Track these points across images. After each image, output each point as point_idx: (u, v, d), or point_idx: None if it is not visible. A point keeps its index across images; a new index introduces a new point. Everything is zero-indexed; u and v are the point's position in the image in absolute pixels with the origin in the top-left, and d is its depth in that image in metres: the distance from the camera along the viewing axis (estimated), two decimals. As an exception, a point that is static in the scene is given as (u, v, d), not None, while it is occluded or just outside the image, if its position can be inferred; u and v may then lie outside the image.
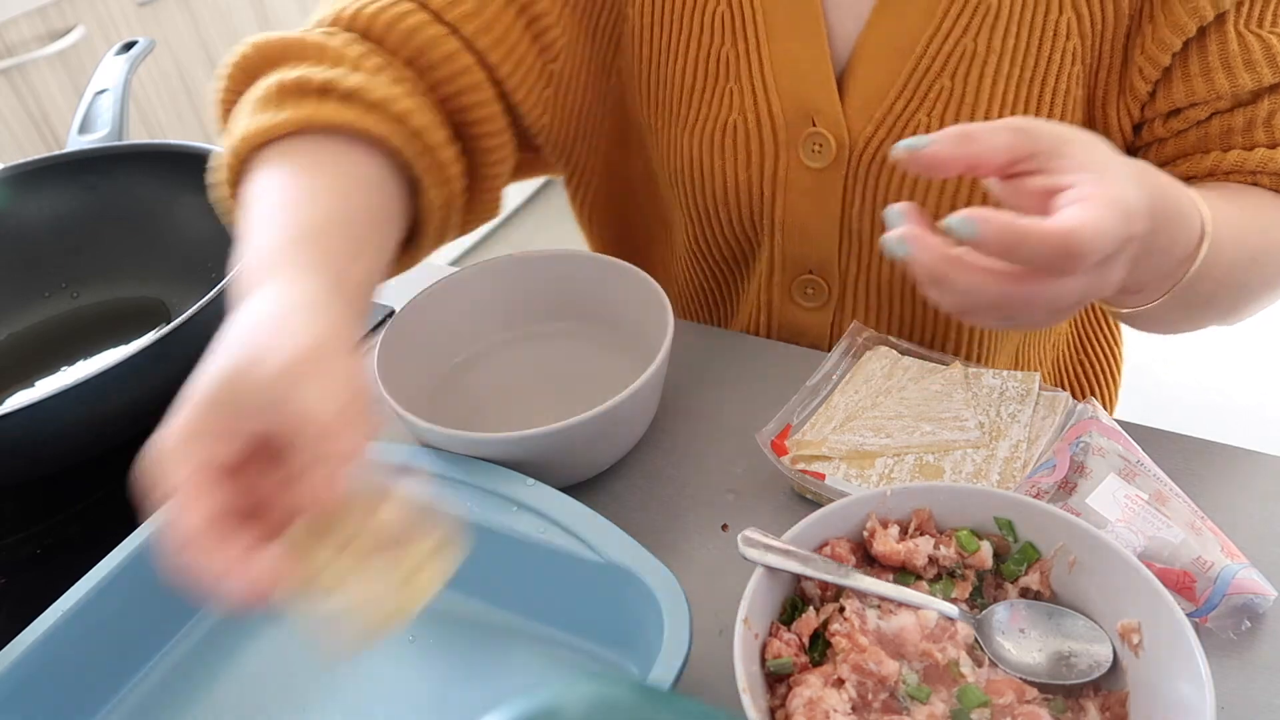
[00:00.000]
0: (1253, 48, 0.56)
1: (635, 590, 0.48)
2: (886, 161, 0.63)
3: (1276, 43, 0.56)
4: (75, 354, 0.80)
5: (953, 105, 0.61)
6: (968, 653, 0.44)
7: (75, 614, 0.50)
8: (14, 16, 1.51)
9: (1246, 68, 0.56)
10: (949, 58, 0.60)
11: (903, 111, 0.61)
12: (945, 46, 0.60)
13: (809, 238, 0.68)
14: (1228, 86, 0.57)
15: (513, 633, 0.54)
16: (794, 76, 0.63)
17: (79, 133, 0.86)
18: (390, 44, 0.59)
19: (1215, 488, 0.56)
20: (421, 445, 0.58)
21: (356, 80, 0.54)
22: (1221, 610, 0.48)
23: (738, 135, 0.65)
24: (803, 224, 0.68)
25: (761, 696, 0.43)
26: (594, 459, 0.60)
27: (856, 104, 0.62)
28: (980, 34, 0.59)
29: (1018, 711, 0.42)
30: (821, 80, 0.62)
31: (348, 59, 0.57)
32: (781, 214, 0.68)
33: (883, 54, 0.61)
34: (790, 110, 0.64)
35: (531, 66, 0.64)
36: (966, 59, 0.60)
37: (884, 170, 0.64)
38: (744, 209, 0.68)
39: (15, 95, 1.56)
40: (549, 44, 0.65)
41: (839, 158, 0.64)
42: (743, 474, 0.61)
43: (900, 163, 0.42)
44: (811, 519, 0.47)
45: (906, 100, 0.61)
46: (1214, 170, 0.60)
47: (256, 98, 0.54)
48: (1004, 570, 0.48)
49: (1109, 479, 0.52)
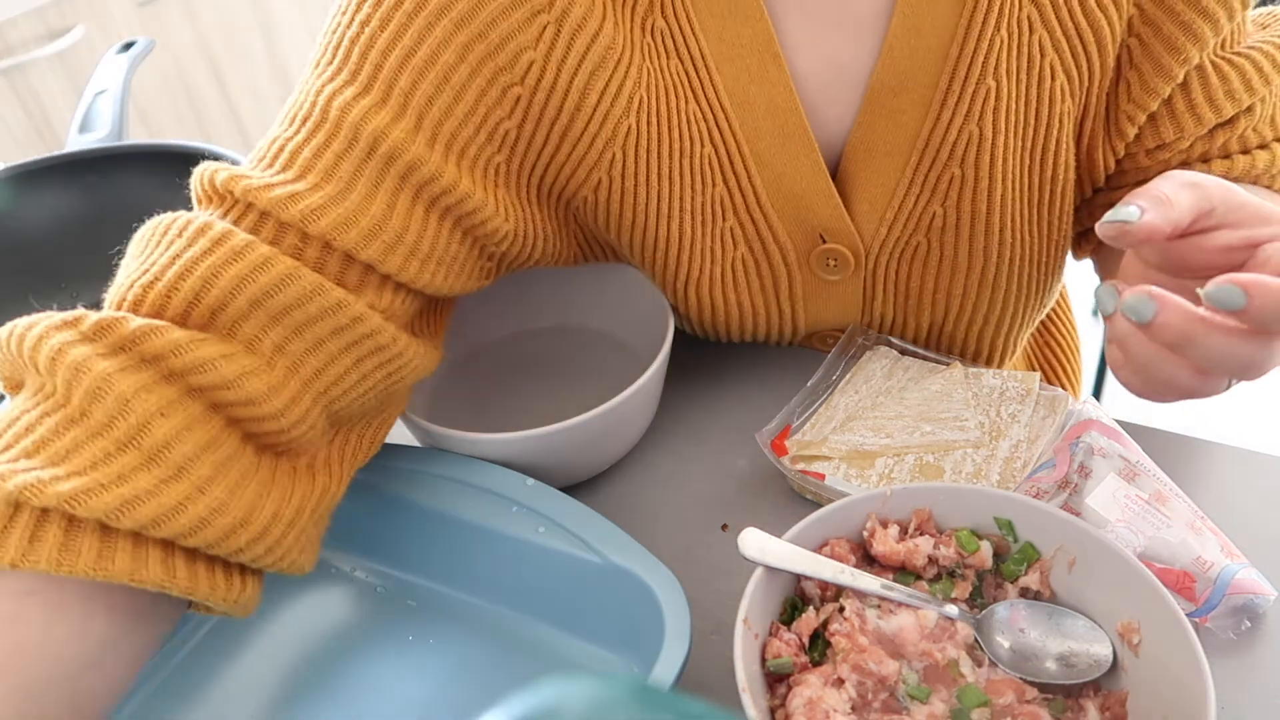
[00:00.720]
0: (1230, 76, 0.57)
1: (635, 590, 0.48)
2: (903, 256, 0.62)
3: (1248, 65, 0.57)
4: (75, 354, 0.80)
5: (965, 191, 0.59)
6: (968, 653, 0.44)
7: (75, 614, 0.50)
8: (14, 16, 1.51)
9: (1228, 97, 0.57)
10: (955, 146, 0.58)
11: (914, 206, 0.60)
12: (950, 135, 0.58)
13: (830, 329, 0.68)
14: (1212, 118, 0.58)
15: (513, 633, 0.54)
16: (793, 200, 0.60)
17: (79, 133, 0.86)
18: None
19: (1215, 488, 0.56)
20: (422, 445, 0.58)
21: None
22: (1221, 610, 0.48)
23: (747, 268, 0.63)
24: (823, 321, 0.67)
25: (761, 696, 0.43)
26: (594, 459, 0.60)
27: (864, 209, 0.61)
28: (984, 117, 0.57)
29: (1018, 711, 0.42)
30: (823, 194, 0.60)
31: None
32: (803, 320, 0.67)
33: (879, 153, 0.59)
34: (795, 232, 0.61)
35: (467, 263, 0.54)
36: (974, 144, 0.58)
37: (900, 264, 0.63)
38: (761, 328, 0.67)
39: (15, 95, 1.56)
40: (489, 233, 0.54)
41: (857, 267, 0.63)
42: (743, 474, 0.61)
43: (1110, 239, 0.41)
44: (811, 519, 0.47)
45: (916, 194, 0.60)
46: None
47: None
48: (1004, 570, 0.48)
49: (1109, 479, 0.52)
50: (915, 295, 0.65)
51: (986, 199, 0.59)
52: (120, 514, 0.39)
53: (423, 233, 0.50)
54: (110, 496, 0.39)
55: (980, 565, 0.47)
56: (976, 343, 0.68)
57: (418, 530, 0.55)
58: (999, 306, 0.65)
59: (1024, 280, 0.64)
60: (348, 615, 0.56)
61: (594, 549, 0.50)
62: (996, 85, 0.57)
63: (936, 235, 0.61)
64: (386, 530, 0.57)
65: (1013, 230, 0.61)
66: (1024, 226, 0.61)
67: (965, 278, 0.63)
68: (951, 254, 0.62)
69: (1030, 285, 0.65)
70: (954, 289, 0.63)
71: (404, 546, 0.56)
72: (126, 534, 0.40)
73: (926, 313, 0.66)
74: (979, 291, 0.64)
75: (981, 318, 0.66)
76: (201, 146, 0.80)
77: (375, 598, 0.57)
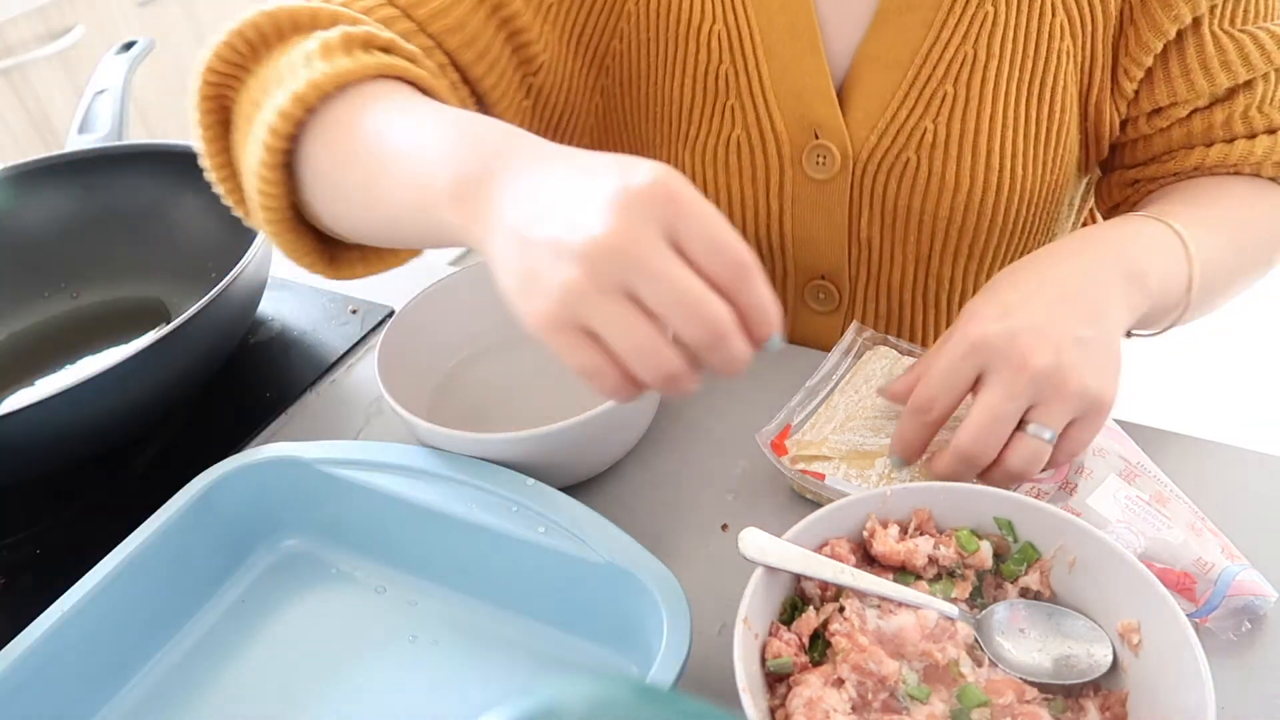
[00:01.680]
0: (1228, 48, 0.60)
1: (635, 590, 0.48)
2: (891, 170, 0.64)
3: (1249, 41, 0.60)
4: (75, 354, 0.80)
5: (956, 110, 0.62)
6: (968, 653, 0.44)
7: (75, 614, 0.50)
8: (14, 16, 1.51)
9: (1223, 68, 0.60)
10: (950, 64, 0.61)
11: (906, 119, 0.62)
12: (946, 54, 0.61)
13: (817, 248, 0.69)
14: (1206, 86, 0.61)
15: (513, 633, 0.54)
16: (794, 91, 0.63)
17: (79, 133, 0.86)
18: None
19: (1215, 488, 0.56)
20: (421, 445, 0.58)
21: (401, 42, 0.52)
22: (1222, 611, 0.48)
23: (741, 151, 0.65)
24: (810, 235, 0.68)
25: (761, 696, 0.43)
26: (594, 459, 0.60)
27: (859, 115, 0.63)
28: (979, 40, 0.60)
29: (1018, 711, 0.42)
30: (822, 93, 0.63)
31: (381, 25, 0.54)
32: (790, 226, 0.68)
33: (882, 65, 0.62)
34: (792, 125, 0.64)
35: (508, 74, 0.62)
36: (968, 65, 0.61)
37: (889, 178, 0.64)
38: (750, 224, 0.69)
39: (15, 95, 1.56)
40: (530, 58, 0.63)
41: (843, 168, 0.64)
42: (743, 474, 0.61)
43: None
44: (811, 519, 0.47)
45: (910, 108, 0.62)
46: (1201, 165, 0.64)
47: (316, 49, 0.48)
48: (1004, 570, 0.48)
49: (1109, 480, 0.52)
50: (903, 216, 0.66)
51: (975, 120, 0.62)
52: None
53: (481, 31, 0.58)
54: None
55: (980, 565, 0.47)
56: (963, 284, 0.69)
57: (418, 530, 0.55)
58: (985, 239, 0.66)
59: (1014, 216, 0.65)
60: (348, 615, 0.56)
61: (594, 549, 0.50)
62: (995, 10, 0.60)
63: (926, 151, 0.63)
64: (387, 530, 0.57)
65: (1003, 157, 0.63)
66: (1016, 158, 0.63)
67: (952, 198, 0.64)
68: (940, 172, 0.63)
69: (1020, 224, 0.66)
70: (940, 211, 0.64)
71: (404, 546, 0.56)
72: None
73: (913, 241, 0.66)
74: (965, 217, 0.65)
75: (967, 248, 0.66)
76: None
77: (376, 598, 0.57)
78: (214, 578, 0.58)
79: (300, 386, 0.74)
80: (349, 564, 0.58)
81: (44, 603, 0.50)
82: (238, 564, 0.59)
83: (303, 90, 0.47)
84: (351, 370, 0.75)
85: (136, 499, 0.64)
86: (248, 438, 0.70)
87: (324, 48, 0.48)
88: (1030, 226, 0.67)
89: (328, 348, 0.77)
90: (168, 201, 0.82)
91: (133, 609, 0.53)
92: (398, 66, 0.49)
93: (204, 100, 0.53)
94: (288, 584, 0.58)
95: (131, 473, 0.68)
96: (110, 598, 0.51)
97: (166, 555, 0.54)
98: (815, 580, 0.47)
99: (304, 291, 0.84)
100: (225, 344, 0.70)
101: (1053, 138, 0.63)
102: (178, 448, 0.70)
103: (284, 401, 0.72)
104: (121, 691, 0.53)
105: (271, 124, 0.47)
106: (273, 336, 0.79)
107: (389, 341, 0.63)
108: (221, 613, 0.57)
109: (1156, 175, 0.67)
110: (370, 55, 0.49)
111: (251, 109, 0.50)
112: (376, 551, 0.58)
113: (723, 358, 0.37)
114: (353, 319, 0.80)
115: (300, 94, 0.47)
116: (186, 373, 0.66)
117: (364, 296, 0.82)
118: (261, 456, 0.57)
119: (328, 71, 0.47)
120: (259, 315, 0.81)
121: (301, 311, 0.82)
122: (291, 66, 0.49)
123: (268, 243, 0.69)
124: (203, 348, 0.66)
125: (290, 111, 0.47)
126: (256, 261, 0.67)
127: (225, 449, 0.69)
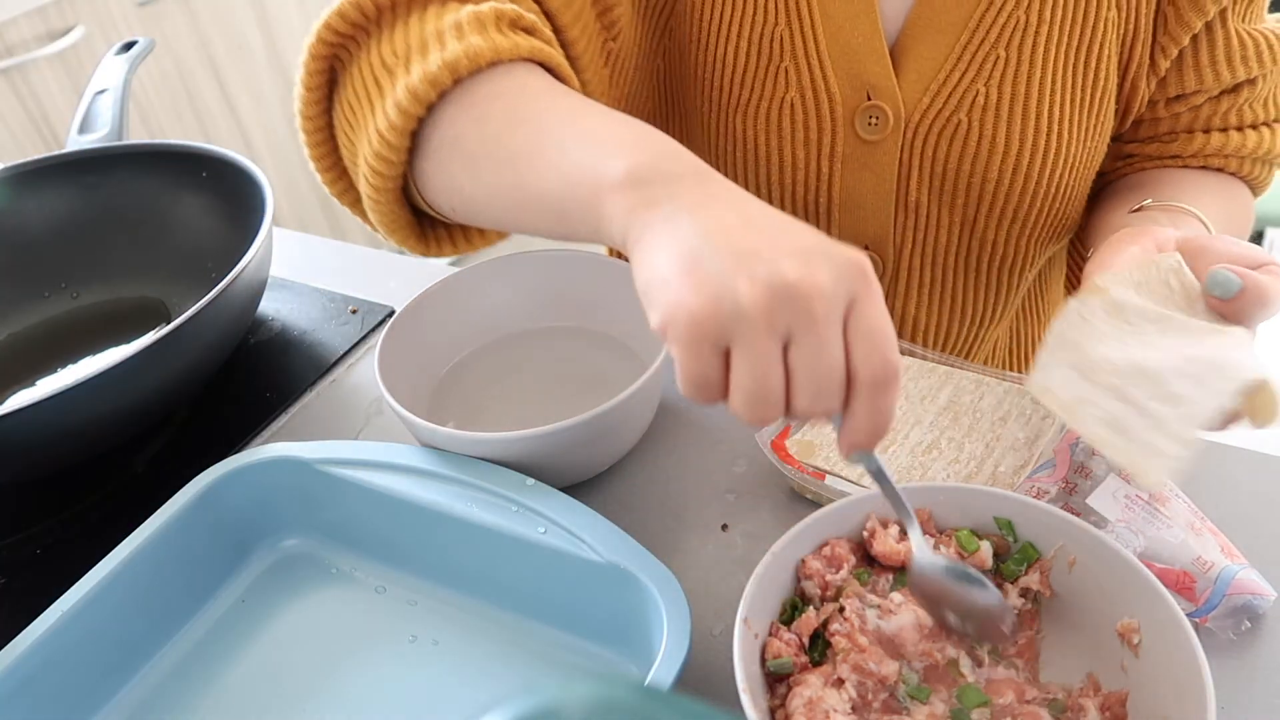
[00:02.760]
0: (1246, 44, 0.64)
1: (635, 590, 0.48)
2: (942, 132, 0.65)
3: (1261, 39, 0.64)
4: (75, 354, 0.80)
5: (1008, 74, 0.63)
6: (967, 653, 0.44)
7: (75, 614, 0.50)
8: (14, 16, 1.51)
9: (1242, 62, 0.65)
10: (1002, 29, 0.63)
11: (959, 81, 0.64)
12: (999, 19, 0.62)
13: (864, 213, 0.70)
14: (1229, 77, 0.65)
15: (513, 633, 0.54)
16: (848, 53, 0.64)
17: (79, 133, 0.86)
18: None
19: (1215, 488, 0.56)
20: (421, 445, 0.58)
21: (542, 26, 0.53)
22: (1221, 611, 0.48)
23: (794, 113, 0.66)
24: (859, 199, 0.69)
25: (761, 696, 0.43)
26: (594, 459, 0.60)
27: (911, 77, 0.64)
28: (1031, 6, 0.62)
29: (1018, 711, 0.42)
30: (876, 55, 0.64)
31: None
32: (839, 190, 0.69)
33: (934, 28, 0.64)
34: (846, 86, 0.65)
35: (594, 41, 0.62)
36: (1020, 30, 0.62)
37: (940, 140, 0.65)
38: (799, 187, 0.69)
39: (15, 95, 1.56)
40: (612, 21, 0.63)
41: (895, 129, 0.65)
42: (743, 474, 0.61)
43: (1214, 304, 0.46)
44: (811, 519, 0.47)
45: (962, 71, 0.64)
46: (1201, 151, 0.69)
47: (467, 20, 0.49)
48: (1004, 570, 0.48)
49: (1109, 479, 0.52)
50: (951, 179, 0.66)
51: (1026, 83, 0.63)
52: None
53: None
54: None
55: (980, 565, 0.47)
56: (1005, 246, 0.70)
57: (418, 530, 0.55)
58: (1030, 202, 0.67)
59: (1058, 180, 0.67)
60: (349, 615, 0.56)
61: (594, 549, 0.50)
62: None
63: (978, 114, 0.64)
64: (387, 530, 0.57)
65: (1051, 121, 0.64)
66: (1063, 122, 0.65)
67: (1001, 161, 0.65)
68: (990, 134, 0.64)
69: (1062, 188, 0.67)
70: (989, 174, 0.66)
71: (404, 546, 0.56)
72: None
73: (960, 204, 0.67)
74: (1012, 180, 0.66)
75: (1012, 211, 0.67)
76: (201, 146, 0.80)
77: (376, 598, 0.57)
78: (214, 578, 0.58)
79: (300, 386, 0.74)
80: (349, 564, 0.59)
81: (44, 603, 0.50)
82: (238, 564, 0.59)
83: (454, 58, 0.47)
84: (351, 370, 0.75)
85: (136, 499, 0.64)
86: (248, 438, 0.70)
87: (476, 20, 0.49)
88: (1070, 191, 0.68)
89: (328, 348, 0.77)
90: (168, 201, 0.82)
91: (133, 609, 0.53)
92: (546, 52, 0.50)
93: (315, 59, 0.53)
94: (288, 584, 0.58)
95: (131, 473, 0.68)
96: (110, 598, 0.51)
97: (166, 555, 0.54)
98: (815, 580, 0.47)
99: (304, 291, 0.84)
100: (225, 344, 0.70)
101: (1096, 104, 0.65)
102: (178, 448, 0.70)
103: (284, 401, 0.72)
104: (121, 691, 0.53)
105: (414, 88, 0.47)
106: (273, 336, 0.80)
107: (389, 341, 0.63)
108: (221, 613, 0.57)
109: (1156, 154, 0.70)
110: (521, 36, 0.50)
111: (380, 72, 0.50)
112: (376, 551, 0.58)
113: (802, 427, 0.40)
114: (353, 319, 0.80)
115: (451, 62, 0.47)
116: (186, 373, 0.66)
117: (364, 296, 0.82)
118: (261, 456, 0.57)
119: (481, 46, 0.47)
120: (259, 315, 0.81)
121: (301, 311, 0.82)
122: (438, 34, 0.49)
123: (268, 242, 0.69)
124: (203, 348, 0.66)
125: (439, 78, 0.47)
126: (256, 261, 0.67)
127: (225, 449, 0.69)
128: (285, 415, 0.72)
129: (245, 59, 1.88)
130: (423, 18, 0.50)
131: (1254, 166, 0.70)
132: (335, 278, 0.86)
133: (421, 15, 0.51)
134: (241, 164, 0.76)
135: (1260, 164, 0.70)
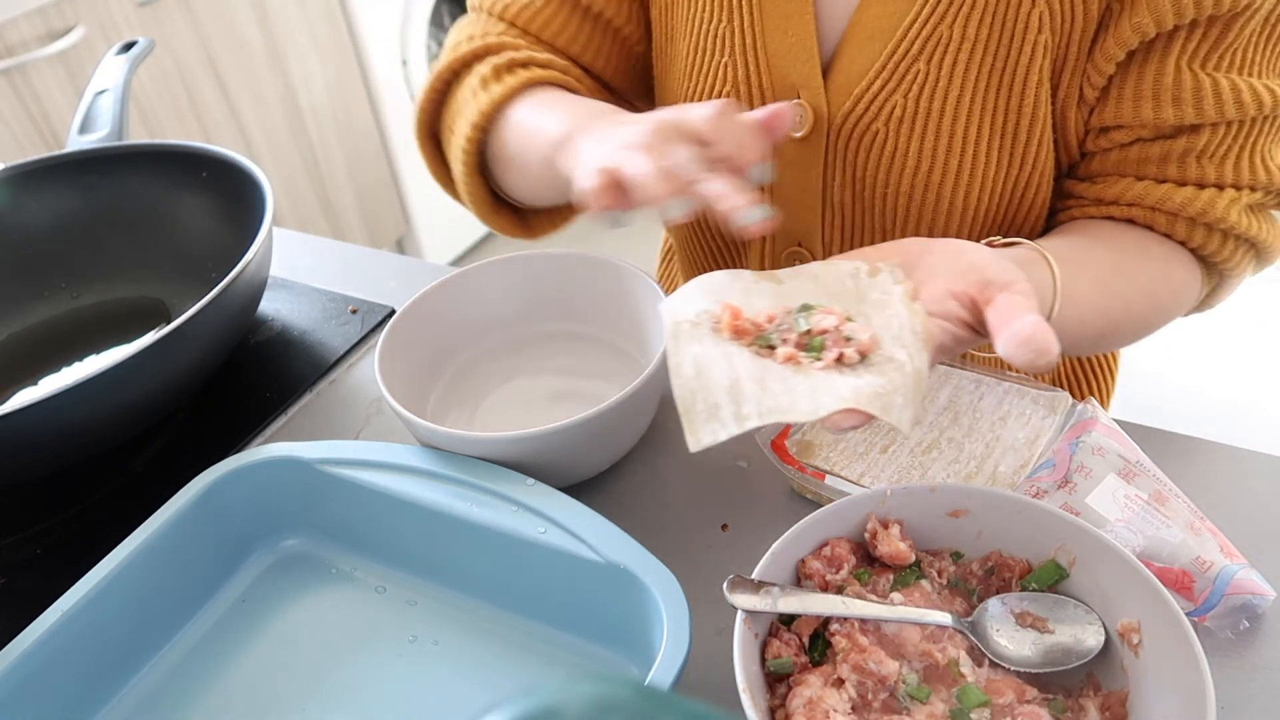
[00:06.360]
0: (1185, 85, 0.58)
1: (635, 590, 0.48)
2: (862, 139, 0.65)
3: (1209, 85, 0.58)
4: (76, 354, 0.80)
5: (927, 89, 0.62)
6: (967, 653, 0.44)
7: (75, 614, 0.50)
8: (14, 16, 1.51)
9: (1173, 103, 0.59)
10: (925, 42, 0.62)
11: (880, 92, 0.64)
12: (924, 32, 0.61)
13: (797, 209, 0.71)
14: (1152, 116, 0.60)
15: (513, 633, 0.54)
16: (783, 53, 0.66)
17: (79, 133, 0.86)
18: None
19: (1215, 488, 0.56)
20: (421, 445, 0.58)
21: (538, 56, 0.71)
22: (1220, 610, 0.48)
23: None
24: (789, 194, 0.70)
25: (761, 696, 0.43)
26: (594, 459, 0.60)
27: (839, 81, 0.65)
28: (956, 22, 0.61)
29: (1018, 711, 0.42)
30: (806, 57, 0.65)
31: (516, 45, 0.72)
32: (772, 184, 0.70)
33: (867, 37, 0.64)
34: (778, 84, 0.67)
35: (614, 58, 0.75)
36: (942, 45, 0.61)
37: (859, 146, 0.66)
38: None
39: (15, 95, 1.56)
40: (625, 36, 0.74)
41: (817, 129, 0.66)
42: (743, 474, 0.61)
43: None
44: (811, 519, 0.47)
45: (884, 82, 0.63)
46: (1121, 198, 0.63)
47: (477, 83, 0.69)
48: (1004, 570, 0.48)
49: (1109, 479, 0.52)
50: (870, 186, 0.67)
51: (943, 100, 0.62)
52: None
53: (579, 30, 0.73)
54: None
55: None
56: None
57: (418, 530, 0.55)
58: (945, 219, 0.66)
59: (974, 200, 0.65)
60: (349, 616, 0.56)
61: (594, 549, 0.50)
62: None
63: (895, 125, 0.64)
64: (387, 530, 0.57)
65: (965, 140, 0.63)
66: (979, 143, 0.63)
67: (913, 175, 0.65)
68: (904, 147, 0.64)
69: (982, 211, 0.66)
70: (902, 186, 0.65)
71: (404, 546, 0.57)
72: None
73: (879, 212, 0.68)
74: (924, 196, 0.65)
75: (927, 226, 0.67)
76: (201, 146, 0.80)
77: (376, 598, 0.57)
78: (214, 577, 0.58)
79: (300, 386, 0.74)
80: (349, 564, 0.59)
81: (44, 602, 0.50)
82: (238, 564, 0.59)
83: (475, 118, 0.67)
84: (351, 370, 0.75)
85: (136, 499, 0.64)
86: (248, 438, 0.70)
87: (482, 80, 0.68)
88: (992, 215, 0.66)
89: (328, 348, 0.77)
90: (168, 201, 0.83)
91: (133, 609, 0.53)
92: (539, 76, 0.68)
93: (419, 138, 0.76)
94: (288, 584, 0.58)
95: (131, 473, 0.68)
96: (110, 597, 0.51)
97: (166, 555, 0.54)
98: (815, 580, 0.47)
99: (304, 291, 0.84)
100: (225, 344, 0.70)
101: (1022, 131, 0.63)
102: (178, 448, 0.70)
103: (284, 401, 0.72)
104: (122, 691, 0.53)
105: (462, 143, 0.69)
106: (273, 336, 0.80)
107: (388, 341, 0.63)
108: (221, 613, 0.57)
109: (1085, 195, 0.65)
110: (514, 75, 0.68)
111: (448, 133, 0.72)
112: (376, 551, 0.58)
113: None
114: (353, 319, 0.80)
115: (474, 121, 0.67)
116: (186, 373, 0.66)
117: (364, 296, 0.82)
118: (261, 456, 0.57)
119: (485, 103, 0.67)
120: (259, 315, 0.81)
121: (301, 311, 0.82)
122: (470, 94, 0.69)
123: (268, 242, 0.69)
124: (203, 348, 0.66)
125: (472, 136, 0.68)
126: (256, 261, 0.67)
127: (225, 449, 0.69)
128: (285, 415, 0.72)
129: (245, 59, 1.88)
130: (460, 85, 0.71)
131: (1190, 230, 0.62)
132: (335, 278, 0.86)
133: (459, 84, 0.72)
134: (241, 164, 0.76)
135: (1202, 229, 0.61)
